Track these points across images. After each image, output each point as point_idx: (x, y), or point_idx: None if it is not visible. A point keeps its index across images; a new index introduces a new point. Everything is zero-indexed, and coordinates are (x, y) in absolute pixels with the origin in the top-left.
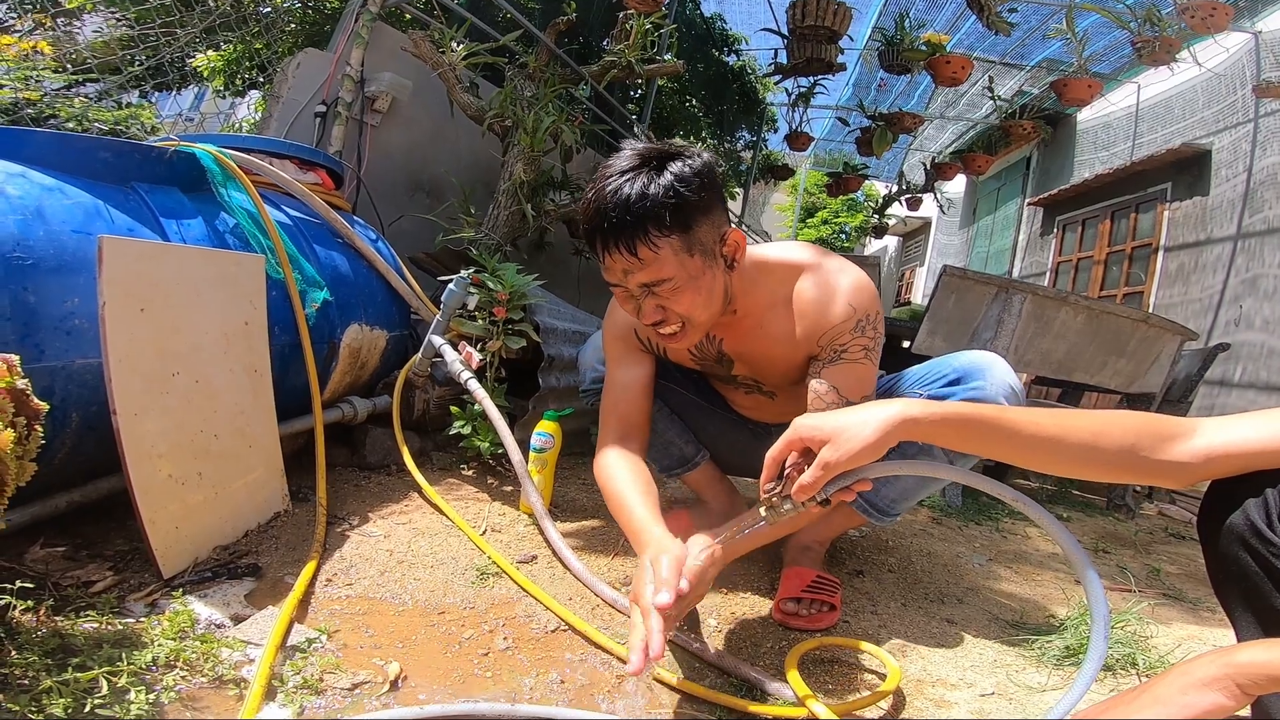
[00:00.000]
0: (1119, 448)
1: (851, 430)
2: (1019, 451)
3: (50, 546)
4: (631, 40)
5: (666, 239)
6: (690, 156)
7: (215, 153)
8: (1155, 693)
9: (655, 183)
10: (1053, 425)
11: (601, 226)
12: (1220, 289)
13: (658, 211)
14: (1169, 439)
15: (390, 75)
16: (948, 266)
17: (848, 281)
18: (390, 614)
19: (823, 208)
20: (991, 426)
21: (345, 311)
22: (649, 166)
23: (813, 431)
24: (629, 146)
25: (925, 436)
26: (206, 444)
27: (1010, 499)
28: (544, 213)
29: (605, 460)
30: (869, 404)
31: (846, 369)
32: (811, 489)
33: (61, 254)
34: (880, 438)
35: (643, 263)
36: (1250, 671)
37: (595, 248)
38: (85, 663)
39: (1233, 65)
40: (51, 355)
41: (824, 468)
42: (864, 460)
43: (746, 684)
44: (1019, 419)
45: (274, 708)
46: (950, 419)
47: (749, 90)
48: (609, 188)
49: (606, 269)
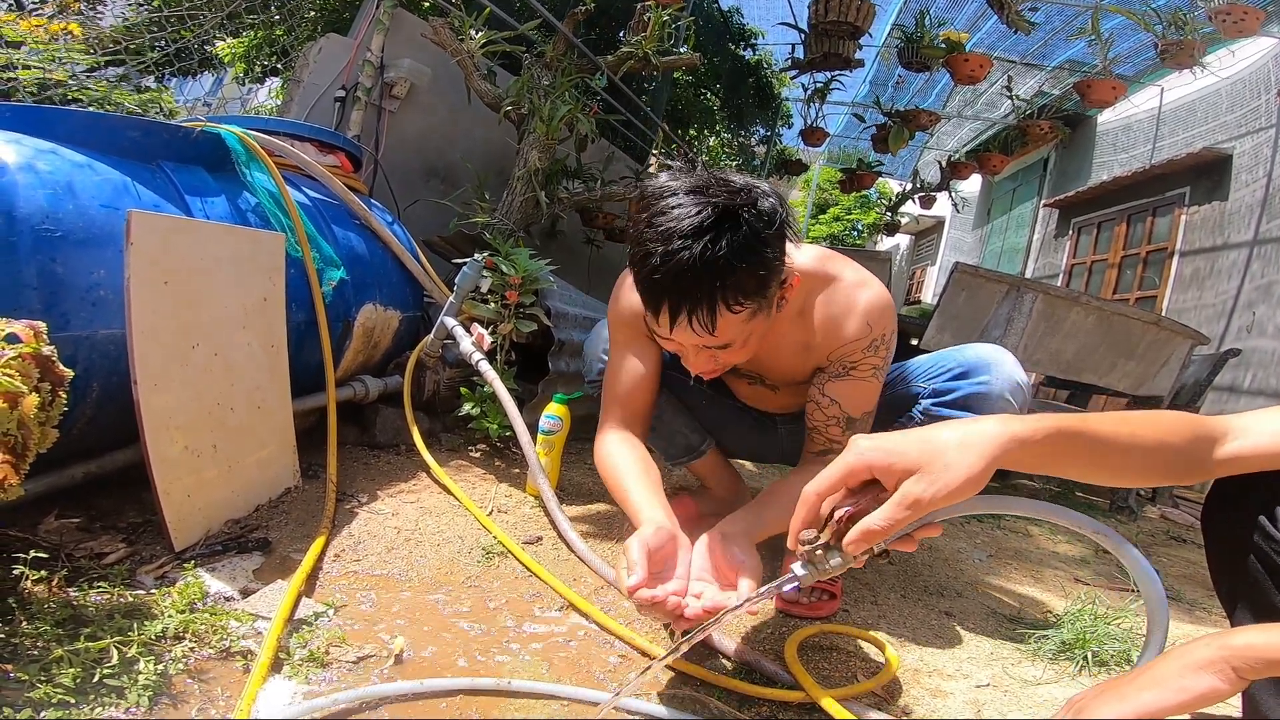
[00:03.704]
0: (1179, 453)
1: (949, 457)
2: (1101, 467)
3: (64, 518)
4: (649, 32)
5: (743, 308)
6: (759, 197)
7: (240, 133)
8: (1153, 674)
9: (735, 246)
10: (1129, 435)
11: (672, 294)
12: (1234, 295)
13: (740, 282)
14: (1211, 440)
15: (409, 61)
16: (959, 263)
17: (867, 298)
18: (396, 590)
19: (835, 204)
20: (1086, 440)
21: (360, 291)
22: (724, 223)
23: (889, 458)
24: (683, 186)
25: (1030, 460)
26: (222, 417)
27: (1091, 532)
28: (557, 200)
29: (606, 446)
30: (956, 422)
31: (853, 385)
32: (880, 535)
33: (90, 227)
34: (987, 466)
35: (716, 336)
36: (1245, 654)
37: (656, 311)
38: (96, 633)
39: (1257, 70)
40: (76, 325)
41: (910, 507)
42: (964, 496)
43: (746, 667)
44: (1105, 430)
45: (280, 680)
46: (1056, 435)
47: (765, 85)
48: (681, 252)
49: (661, 326)
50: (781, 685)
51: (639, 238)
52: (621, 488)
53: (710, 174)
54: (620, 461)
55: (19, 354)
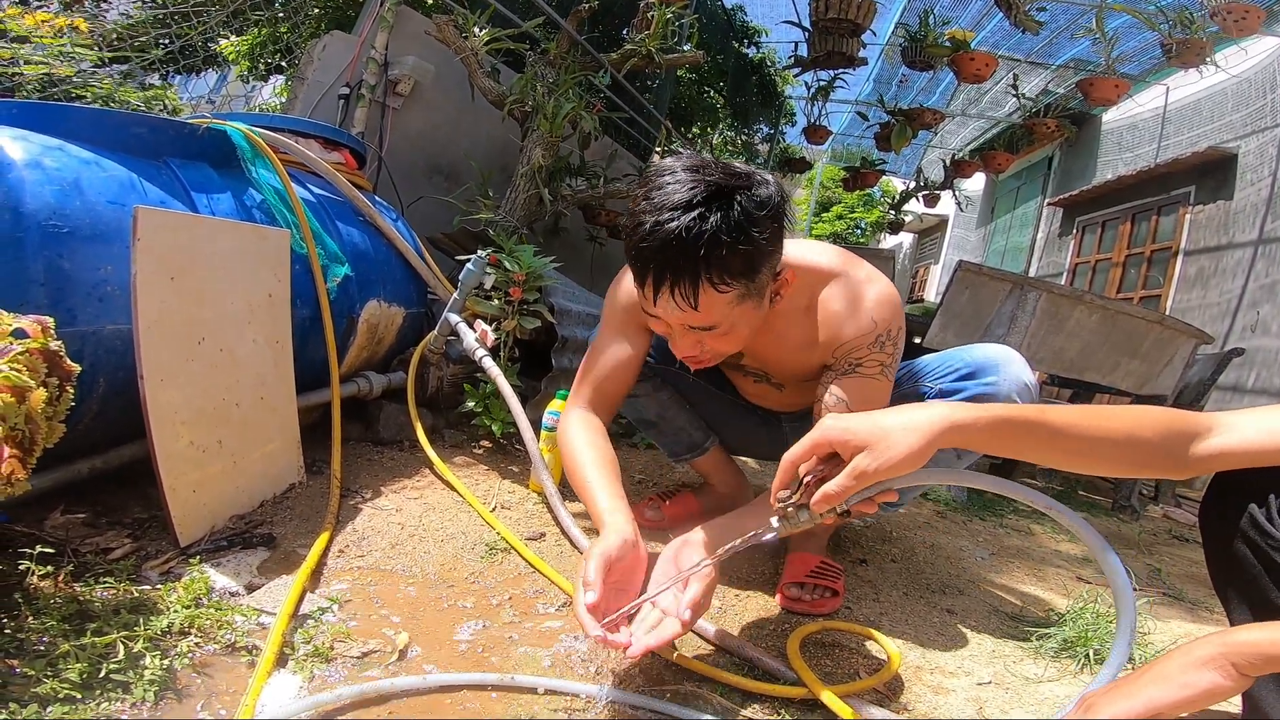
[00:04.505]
0: (1151, 446)
1: (893, 437)
2: (1059, 455)
3: (70, 513)
4: (653, 29)
5: (729, 289)
6: (756, 184)
7: (245, 130)
8: (1157, 671)
9: (726, 223)
10: (1091, 426)
11: (657, 262)
12: (1239, 294)
13: (726, 260)
14: (1192, 436)
15: (414, 59)
16: (963, 261)
17: (874, 294)
18: (400, 586)
19: (838, 202)
20: (1035, 430)
21: (365, 288)
22: (716, 200)
23: (845, 435)
24: (681, 164)
25: (970, 443)
26: (228, 413)
27: (1047, 507)
28: (560, 197)
29: (570, 425)
30: (907, 407)
31: (860, 383)
32: (836, 499)
33: (96, 223)
34: (925, 446)
35: (699, 312)
36: (1246, 651)
37: (642, 282)
38: (102, 628)
39: (1262, 70)
40: (83, 320)
41: (857, 477)
42: (904, 471)
43: (748, 663)
44: (1060, 421)
45: (285, 675)
46: (997, 424)
47: (768, 83)
48: (670, 222)
49: (646, 299)
50: (784, 681)
51: (634, 209)
52: (582, 477)
53: (714, 158)
54: (582, 446)
55: (26, 349)
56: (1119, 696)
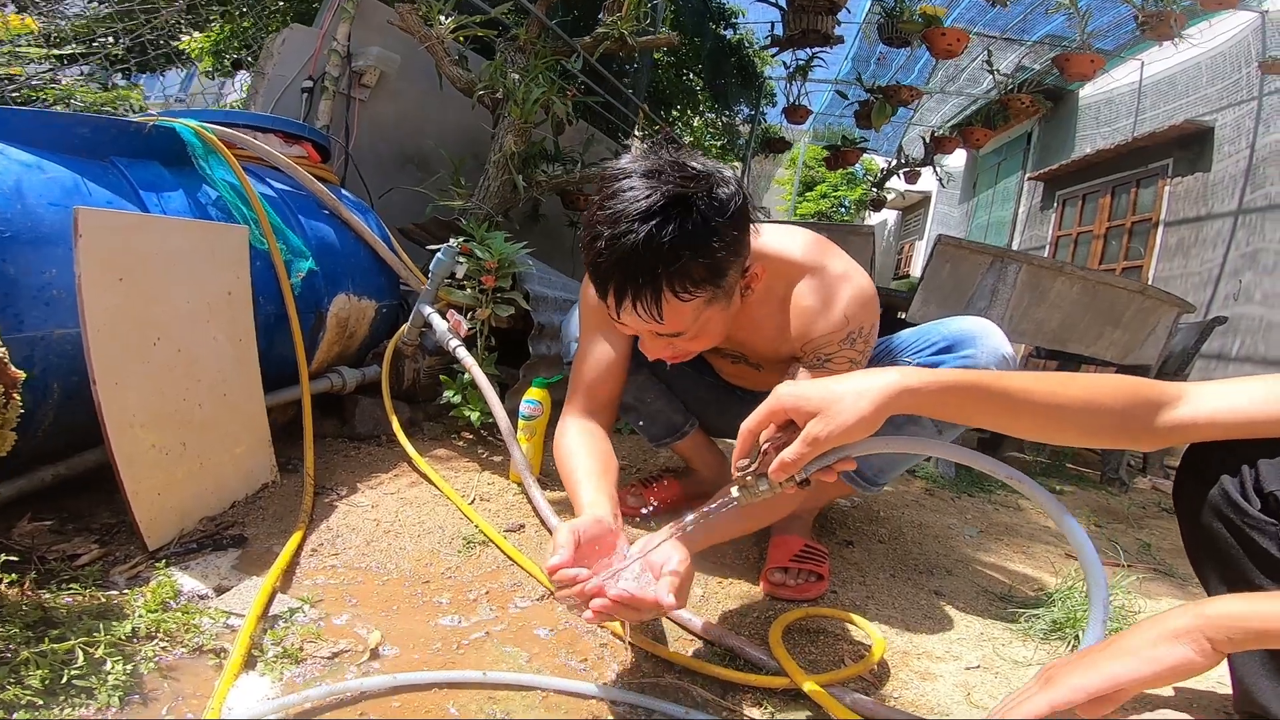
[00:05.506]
0: (1112, 415)
1: (844, 402)
2: (1016, 421)
3: (38, 520)
4: (624, 12)
5: (693, 297)
6: (716, 184)
7: (195, 127)
8: (1126, 643)
9: (684, 232)
10: (1047, 392)
11: (616, 278)
12: (1220, 263)
13: (687, 269)
14: (1158, 405)
15: (378, 49)
16: (943, 235)
17: (848, 292)
18: (375, 583)
19: (821, 181)
20: (989, 395)
21: (333, 282)
22: (674, 207)
23: (797, 402)
24: (637, 169)
25: (923, 408)
26: (190, 414)
27: (1005, 476)
28: (535, 184)
29: (566, 436)
30: (860, 372)
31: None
32: (792, 467)
33: (38, 227)
34: (876, 411)
35: (664, 322)
36: (1221, 623)
37: (603, 295)
38: (63, 634)
39: (1238, 43)
40: (31, 325)
41: (810, 444)
42: (856, 436)
43: (730, 653)
44: (1014, 386)
45: (253, 677)
46: (950, 389)
47: (747, 64)
48: (626, 235)
49: (611, 309)
50: (766, 671)
51: (590, 219)
52: (572, 480)
53: (671, 159)
54: (576, 453)
55: None
56: (1080, 668)
